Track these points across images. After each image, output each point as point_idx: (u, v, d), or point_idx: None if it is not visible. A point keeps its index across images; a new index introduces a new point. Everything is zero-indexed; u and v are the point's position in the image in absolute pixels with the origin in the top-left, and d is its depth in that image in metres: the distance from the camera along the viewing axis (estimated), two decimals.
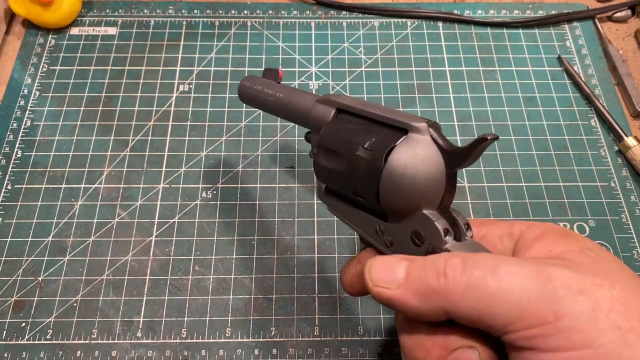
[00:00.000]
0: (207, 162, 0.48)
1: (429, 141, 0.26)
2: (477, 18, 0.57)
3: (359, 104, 0.30)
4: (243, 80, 0.39)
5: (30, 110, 0.51)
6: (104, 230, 0.44)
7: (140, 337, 0.40)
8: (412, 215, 0.26)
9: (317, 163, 0.31)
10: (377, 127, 0.28)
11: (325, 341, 0.40)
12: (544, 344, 0.20)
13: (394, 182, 0.26)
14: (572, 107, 0.52)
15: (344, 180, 0.29)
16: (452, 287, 0.22)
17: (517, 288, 0.20)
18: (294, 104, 0.34)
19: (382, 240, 0.28)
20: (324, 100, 0.32)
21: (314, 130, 0.33)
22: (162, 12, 0.58)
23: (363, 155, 0.27)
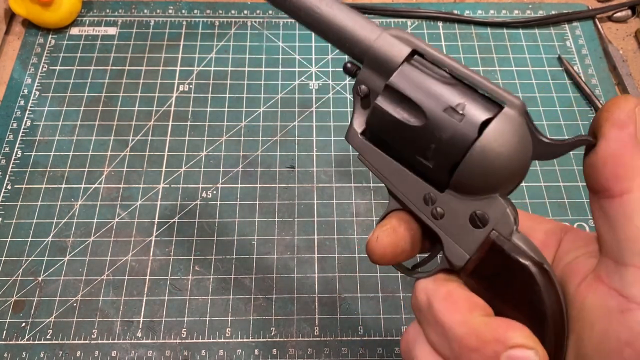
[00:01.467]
0: (207, 162, 0.48)
1: (524, 123, 0.23)
2: (477, 18, 0.57)
3: (441, 53, 0.26)
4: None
5: (30, 110, 0.51)
6: (104, 230, 0.44)
7: (140, 337, 0.40)
8: (484, 196, 0.24)
9: (379, 108, 0.26)
10: (465, 89, 0.25)
11: (325, 341, 0.40)
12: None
13: (484, 159, 0.23)
14: (572, 107, 0.52)
15: (413, 137, 0.25)
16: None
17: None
18: (350, 25, 0.27)
19: (430, 210, 0.25)
20: (397, 35, 0.26)
21: (369, 65, 0.27)
22: (162, 12, 0.58)
23: (452, 117, 0.24)
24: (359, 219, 0.45)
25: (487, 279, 0.25)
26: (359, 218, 0.45)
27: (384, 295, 0.42)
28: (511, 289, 0.24)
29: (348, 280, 0.43)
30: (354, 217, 0.45)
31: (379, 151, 0.27)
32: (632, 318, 0.20)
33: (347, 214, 0.46)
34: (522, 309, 0.24)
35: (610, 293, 0.21)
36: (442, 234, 0.25)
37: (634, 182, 0.21)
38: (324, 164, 0.48)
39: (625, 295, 0.21)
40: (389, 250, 0.26)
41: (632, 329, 0.20)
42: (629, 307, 0.20)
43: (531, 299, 0.23)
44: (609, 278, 0.22)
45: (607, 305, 0.21)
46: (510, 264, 0.24)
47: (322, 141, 0.49)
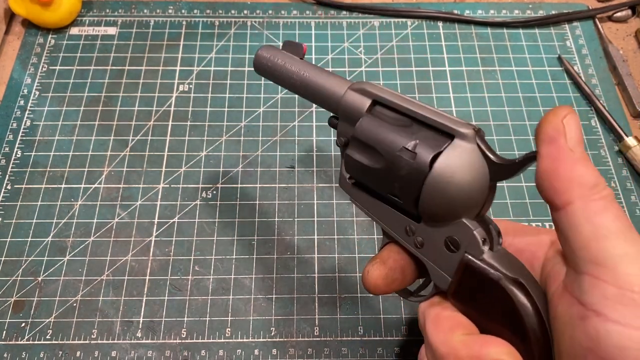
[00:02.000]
0: (207, 162, 0.48)
1: (475, 150, 0.25)
2: (477, 18, 0.57)
3: (398, 98, 0.29)
4: (261, 51, 0.35)
5: (30, 110, 0.51)
6: (103, 230, 0.44)
7: (140, 337, 0.40)
8: (451, 222, 0.26)
9: (349, 156, 0.29)
10: (419, 128, 0.27)
11: (325, 341, 0.40)
12: (613, 312, 0.20)
13: (439, 190, 0.25)
14: (573, 107, 0.52)
15: (379, 178, 0.28)
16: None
17: (631, 250, 0.21)
18: (323, 87, 0.32)
19: (412, 240, 0.28)
20: (359, 89, 0.30)
21: (342, 119, 0.31)
22: (162, 12, 0.58)
23: (405, 156, 0.26)
24: (359, 219, 0.45)
25: (469, 299, 0.26)
26: (359, 218, 0.45)
27: (383, 295, 0.42)
28: (491, 305, 0.25)
29: (348, 280, 0.43)
30: (354, 217, 0.45)
31: (364, 193, 0.30)
32: (590, 325, 0.21)
33: (347, 214, 0.46)
34: (504, 324, 0.25)
35: (572, 301, 0.22)
36: (426, 261, 0.28)
37: (573, 192, 0.22)
38: (324, 164, 0.48)
39: (582, 302, 0.21)
40: (380, 282, 0.29)
41: (590, 335, 0.21)
42: (587, 315, 0.21)
43: (509, 314, 0.24)
44: (571, 286, 0.23)
45: (570, 313, 0.22)
46: (485, 282, 0.25)
47: (322, 141, 0.49)
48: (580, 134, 0.23)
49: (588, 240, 0.21)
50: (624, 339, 0.20)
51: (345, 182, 0.31)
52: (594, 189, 0.22)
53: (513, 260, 0.26)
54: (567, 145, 0.22)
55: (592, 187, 0.22)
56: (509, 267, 0.25)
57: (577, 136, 0.23)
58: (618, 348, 0.20)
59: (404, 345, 0.40)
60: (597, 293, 0.21)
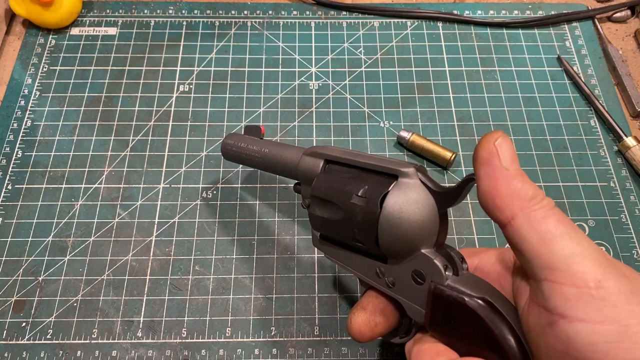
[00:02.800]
0: (207, 162, 0.48)
1: (419, 184, 0.27)
2: (477, 18, 0.58)
3: (345, 153, 0.31)
4: (226, 139, 0.41)
5: (31, 111, 0.51)
6: (104, 230, 0.44)
7: (141, 336, 0.40)
8: (412, 256, 0.27)
9: (312, 214, 0.32)
10: (367, 175, 0.29)
11: (325, 341, 0.40)
12: (576, 312, 0.21)
13: (392, 226, 0.27)
14: (572, 107, 0.52)
15: (341, 228, 0.30)
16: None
17: (578, 248, 0.22)
18: (281, 158, 0.35)
19: (384, 281, 0.29)
20: (311, 153, 0.33)
21: (303, 182, 0.34)
22: (162, 12, 0.58)
23: (358, 202, 0.28)
24: None
25: (444, 325, 0.27)
26: None
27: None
28: (464, 327, 0.26)
29: (348, 280, 0.43)
30: None
31: (333, 246, 0.32)
32: (558, 329, 0.21)
33: None
34: (480, 344, 0.25)
35: (539, 310, 0.23)
36: (400, 298, 0.29)
37: (514, 206, 0.23)
38: None
39: (547, 309, 0.22)
40: (364, 327, 0.30)
41: (561, 338, 0.21)
42: (553, 320, 0.22)
43: (482, 332, 0.25)
44: (535, 296, 0.23)
45: (540, 322, 0.23)
46: (453, 306, 0.26)
47: (322, 141, 0.49)
48: (513, 154, 0.24)
49: (537, 248, 0.22)
50: (591, 334, 0.20)
51: (316, 240, 0.34)
52: (533, 200, 0.23)
53: (479, 282, 0.27)
54: (502, 165, 0.24)
55: (531, 198, 0.23)
56: (475, 288, 0.26)
57: (510, 156, 0.24)
58: (588, 344, 0.20)
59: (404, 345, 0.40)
60: (558, 296, 0.21)
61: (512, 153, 0.24)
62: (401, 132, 0.48)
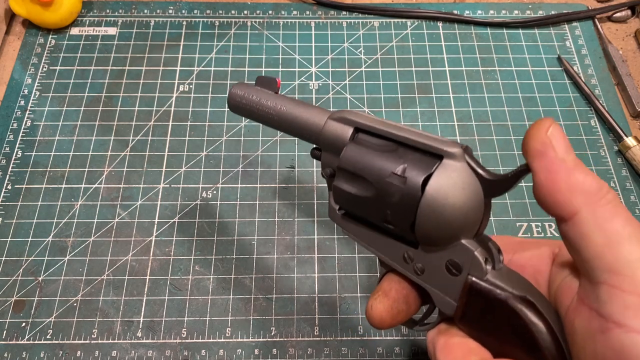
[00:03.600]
0: (207, 162, 0.48)
1: (466, 168, 0.24)
2: (477, 18, 0.57)
3: (380, 123, 0.28)
4: (234, 89, 0.34)
5: (31, 110, 0.51)
6: (104, 230, 0.44)
7: (141, 337, 0.40)
8: (450, 245, 0.25)
9: (337, 187, 0.29)
10: (405, 151, 0.26)
11: (325, 341, 0.40)
12: (635, 322, 0.19)
13: (434, 213, 0.24)
14: (572, 107, 0.52)
15: (371, 207, 0.27)
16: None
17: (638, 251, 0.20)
18: (301, 119, 0.31)
19: (411, 267, 0.27)
20: (339, 118, 0.29)
21: (325, 149, 0.30)
22: (162, 12, 0.58)
23: (396, 182, 0.26)
24: None
25: (478, 322, 0.26)
26: None
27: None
28: (501, 326, 0.25)
29: (348, 280, 0.43)
30: None
31: (356, 223, 0.29)
32: (613, 337, 0.20)
33: None
34: (517, 345, 0.24)
35: (591, 314, 0.21)
36: (429, 287, 0.27)
37: (576, 201, 0.21)
38: None
39: (602, 314, 0.21)
40: (386, 315, 0.28)
41: (614, 348, 0.20)
42: (608, 327, 0.20)
43: (521, 334, 0.24)
44: (588, 299, 0.22)
45: (590, 327, 0.21)
46: (492, 303, 0.25)
47: None
48: (568, 143, 0.22)
49: (601, 249, 0.21)
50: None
51: (335, 214, 0.31)
52: (598, 193, 0.21)
53: (518, 278, 0.25)
54: (558, 156, 0.22)
55: (596, 192, 0.21)
56: (515, 285, 0.24)
57: (565, 145, 0.22)
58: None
59: (404, 345, 0.40)
60: (617, 303, 0.20)
61: (566, 142, 0.22)
62: None
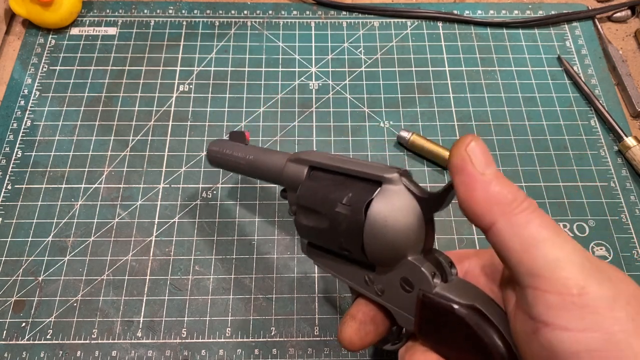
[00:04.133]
0: (207, 162, 0.48)
1: (403, 190, 0.26)
2: (477, 18, 0.57)
3: (329, 159, 0.31)
4: (211, 146, 0.40)
5: (31, 110, 0.51)
6: (104, 230, 0.44)
7: (140, 337, 0.40)
8: (399, 263, 0.27)
9: (298, 222, 0.31)
10: (351, 182, 0.29)
11: (325, 341, 0.40)
12: (559, 319, 0.20)
13: (377, 234, 0.26)
14: (572, 107, 0.52)
15: (327, 236, 0.29)
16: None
17: (561, 254, 0.21)
18: (265, 164, 0.35)
19: (373, 289, 0.29)
20: (296, 159, 0.33)
21: (289, 189, 0.33)
22: (162, 12, 0.58)
23: (343, 211, 0.28)
24: None
25: (434, 334, 0.27)
26: None
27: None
28: (454, 336, 0.26)
29: None
30: None
31: (322, 254, 0.32)
32: (542, 337, 0.21)
33: None
34: (471, 351, 0.25)
35: (524, 317, 0.22)
36: (389, 306, 0.29)
37: (494, 212, 0.22)
38: None
39: (532, 316, 0.21)
40: (354, 336, 0.29)
41: (545, 347, 0.21)
42: (537, 327, 0.21)
43: (473, 341, 0.25)
44: (520, 302, 0.23)
45: (525, 329, 0.22)
46: (442, 314, 0.26)
47: (322, 141, 0.49)
48: (487, 157, 0.23)
49: (520, 254, 0.22)
50: (574, 343, 0.20)
51: (305, 247, 0.33)
52: (513, 203, 0.22)
53: (468, 288, 0.27)
54: (477, 170, 0.23)
55: (511, 202, 0.22)
56: (464, 295, 0.26)
57: (484, 159, 0.23)
58: (571, 353, 0.20)
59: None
60: (541, 304, 0.21)
61: (485, 156, 0.23)
62: (401, 132, 0.48)
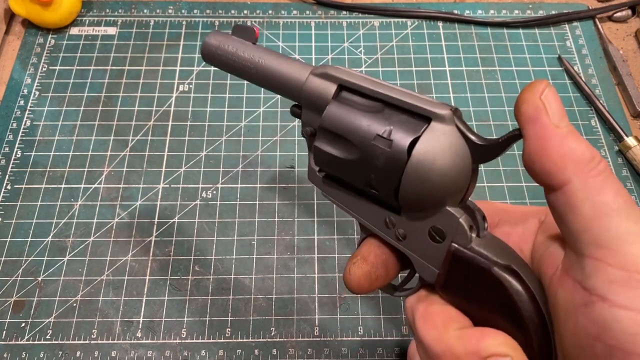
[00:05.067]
0: (207, 162, 0.48)
1: (455, 132, 0.23)
2: (477, 18, 0.57)
3: (366, 81, 0.26)
4: (208, 38, 0.31)
5: (30, 110, 0.51)
6: (103, 231, 0.44)
7: (140, 337, 0.40)
8: (433, 211, 0.25)
9: (318, 148, 0.27)
10: (391, 112, 0.25)
11: (325, 341, 0.40)
12: (620, 297, 0.19)
13: (420, 178, 0.23)
14: (573, 107, 0.52)
15: (353, 170, 0.26)
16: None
17: (635, 228, 0.19)
18: (281, 73, 0.29)
19: (393, 233, 0.26)
20: (322, 74, 0.27)
21: (306, 107, 0.28)
22: (162, 12, 0.58)
23: (381, 145, 0.24)
24: None
25: (460, 290, 0.25)
26: None
27: (384, 295, 0.42)
28: (484, 295, 0.24)
29: None
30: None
31: (337, 186, 0.28)
32: (596, 312, 0.19)
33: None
34: (499, 314, 0.24)
35: (575, 287, 0.21)
36: (410, 254, 0.26)
37: (568, 170, 0.20)
38: None
39: (586, 287, 0.20)
40: (363, 280, 0.27)
41: (597, 323, 0.19)
42: (591, 300, 0.20)
43: (504, 303, 0.23)
44: (572, 270, 0.21)
45: (573, 299, 0.21)
46: (475, 272, 0.24)
47: None
48: (562, 108, 0.21)
49: (589, 221, 0.20)
50: (634, 324, 0.18)
51: (315, 176, 0.29)
52: (590, 163, 0.20)
53: (502, 246, 0.25)
54: (551, 122, 0.21)
55: (588, 161, 0.20)
56: (499, 254, 0.24)
57: (560, 110, 0.21)
58: (629, 334, 0.18)
59: (404, 345, 0.40)
60: (601, 277, 0.19)
61: (561, 107, 0.21)
62: None
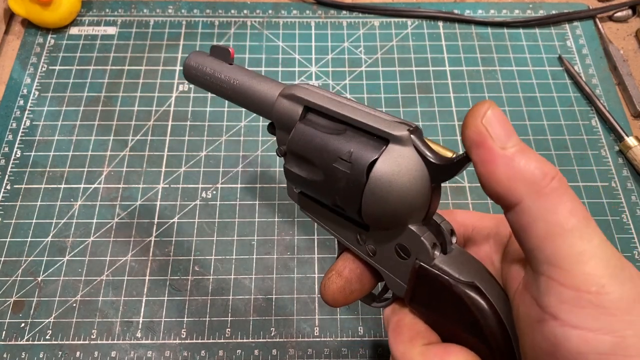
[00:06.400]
0: (207, 162, 0.48)
1: (412, 153, 0.24)
2: (478, 18, 0.57)
3: (330, 102, 0.27)
4: (188, 60, 0.33)
5: (30, 110, 0.51)
6: (103, 231, 0.44)
7: (140, 337, 0.40)
8: (397, 229, 0.25)
9: (288, 169, 0.28)
10: (353, 134, 0.26)
11: (325, 341, 0.40)
12: (570, 316, 0.19)
13: (378, 199, 0.24)
14: (573, 107, 0.52)
15: (320, 190, 0.27)
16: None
17: (588, 247, 0.19)
18: (253, 95, 0.30)
19: (364, 249, 0.27)
20: (289, 96, 0.28)
21: (278, 127, 0.29)
22: (161, 11, 0.58)
23: (342, 167, 0.25)
24: None
25: (426, 305, 0.26)
26: None
27: None
28: (448, 311, 0.25)
29: None
30: None
31: (312, 203, 0.29)
32: (548, 329, 0.20)
33: None
34: (463, 328, 0.24)
35: (532, 303, 0.21)
36: (380, 269, 0.27)
37: (518, 192, 0.20)
38: None
39: (540, 305, 0.20)
40: (338, 294, 0.28)
41: (549, 340, 0.20)
42: (544, 318, 0.20)
43: (467, 319, 0.24)
44: (530, 287, 0.21)
45: (530, 315, 0.21)
46: (438, 288, 0.25)
47: None
48: (508, 127, 0.21)
49: (541, 240, 0.20)
50: (582, 343, 0.18)
51: (293, 192, 0.30)
52: (542, 181, 0.20)
53: (469, 261, 0.25)
54: (496, 145, 0.20)
55: (540, 180, 0.20)
56: (463, 270, 0.24)
57: (504, 131, 0.21)
58: (577, 353, 0.19)
59: None
60: (553, 296, 0.19)
61: (505, 127, 0.21)
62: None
